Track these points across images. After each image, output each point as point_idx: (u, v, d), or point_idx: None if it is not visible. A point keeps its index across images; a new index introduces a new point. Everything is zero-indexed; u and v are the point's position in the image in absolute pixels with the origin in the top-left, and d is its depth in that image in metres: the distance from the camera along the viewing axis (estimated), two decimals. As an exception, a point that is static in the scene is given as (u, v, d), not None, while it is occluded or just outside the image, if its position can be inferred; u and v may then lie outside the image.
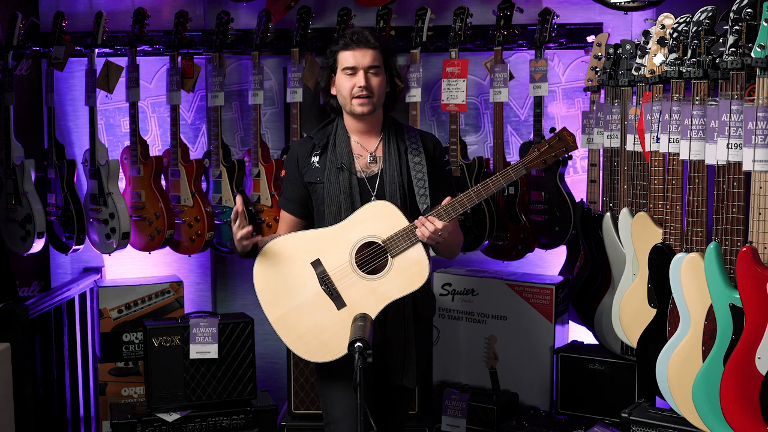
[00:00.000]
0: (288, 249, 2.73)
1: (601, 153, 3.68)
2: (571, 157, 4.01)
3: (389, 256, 2.63)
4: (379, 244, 2.63)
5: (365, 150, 2.80)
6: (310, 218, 2.89)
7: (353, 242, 2.66)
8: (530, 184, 3.99)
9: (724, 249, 2.38)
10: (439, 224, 2.59)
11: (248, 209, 4.12)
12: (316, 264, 2.68)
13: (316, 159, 2.80)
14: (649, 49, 2.90)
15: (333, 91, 2.80)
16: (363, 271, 2.65)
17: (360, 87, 2.69)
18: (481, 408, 3.81)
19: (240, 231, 2.67)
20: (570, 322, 4.01)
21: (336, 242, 2.67)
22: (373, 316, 2.61)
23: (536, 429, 3.60)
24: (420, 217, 2.62)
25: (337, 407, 2.77)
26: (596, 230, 3.52)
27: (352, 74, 2.71)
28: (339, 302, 2.66)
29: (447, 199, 2.63)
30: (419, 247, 2.62)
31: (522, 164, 2.67)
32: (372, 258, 2.65)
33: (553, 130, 3.89)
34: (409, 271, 2.62)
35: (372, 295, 2.63)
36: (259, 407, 3.88)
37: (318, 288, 2.67)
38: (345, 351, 2.61)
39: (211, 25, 4.34)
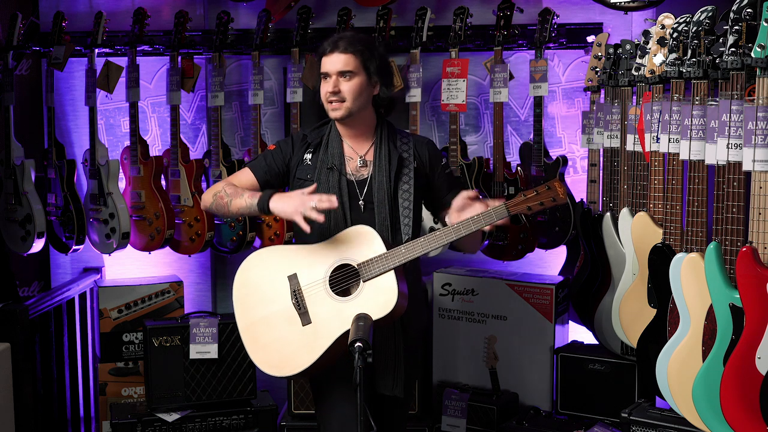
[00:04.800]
0: (272, 259, 2.73)
1: (601, 153, 3.68)
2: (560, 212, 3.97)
3: (361, 280, 2.61)
4: (354, 267, 2.63)
5: (356, 153, 2.81)
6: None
7: (331, 262, 2.65)
8: (530, 185, 3.98)
9: (724, 249, 2.38)
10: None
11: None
12: (292, 278, 2.68)
13: (308, 156, 2.82)
14: (649, 49, 2.90)
15: None
16: (334, 292, 2.64)
17: (328, 92, 2.72)
18: (481, 408, 3.81)
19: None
20: (570, 322, 4.01)
21: (315, 259, 2.67)
22: (335, 337, 2.59)
23: (536, 429, 3.60)
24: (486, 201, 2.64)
25: (334, 422, 2.73)
26: (596, 230, 3.52)
27: (326, 80, 2.74)
28: (305, 319, 2.65)
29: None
30: (391, 275, 2.59)
31: (505, 206, 2.61)
32: (345, 280, 2.64)
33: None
34: (376, 298, 2.59)
35: (337, 317, 2.60)
36: (259, 407, 3.88)
37: (289, 302, 2.67)
38: (301, 369, 2.61)
39: (211, 25, 4.34)
